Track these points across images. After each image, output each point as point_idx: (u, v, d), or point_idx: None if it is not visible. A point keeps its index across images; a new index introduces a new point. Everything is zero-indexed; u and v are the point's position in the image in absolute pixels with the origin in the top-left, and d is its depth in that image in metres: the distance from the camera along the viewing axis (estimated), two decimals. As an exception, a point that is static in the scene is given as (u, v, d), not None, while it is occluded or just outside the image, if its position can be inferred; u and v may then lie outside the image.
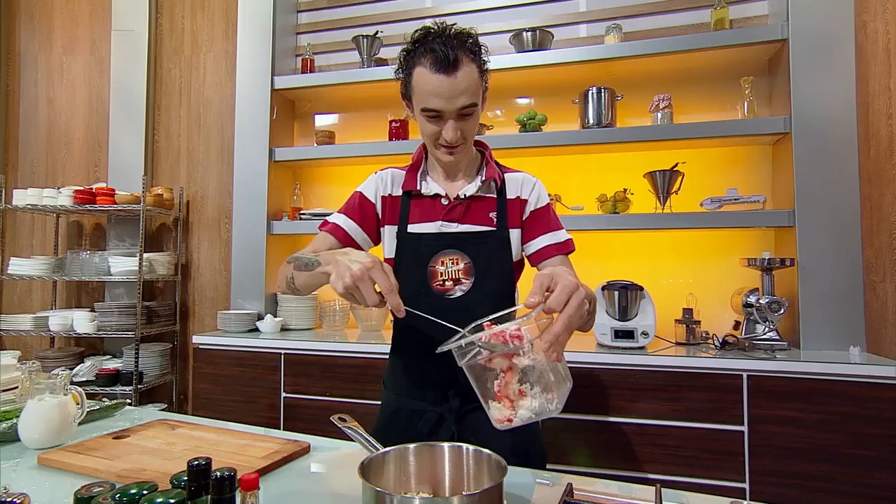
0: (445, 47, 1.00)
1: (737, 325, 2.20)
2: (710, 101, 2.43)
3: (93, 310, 2.88)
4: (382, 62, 2.76)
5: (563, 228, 1.18)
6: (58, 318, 2.77)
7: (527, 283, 0.99)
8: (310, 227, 2.73)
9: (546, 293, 0.75)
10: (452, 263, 1.09)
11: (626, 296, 2.15)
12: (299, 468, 0.95)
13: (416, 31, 1.07)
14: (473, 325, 0.79)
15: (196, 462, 0.58)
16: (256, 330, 2.59)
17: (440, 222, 1.11)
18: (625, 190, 2.37)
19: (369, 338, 2.41)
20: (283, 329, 2.63)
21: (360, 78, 2.68)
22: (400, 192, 1.17)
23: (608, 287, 2.20)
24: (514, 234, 1.14)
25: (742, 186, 2.33)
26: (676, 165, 2.27)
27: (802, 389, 1.81)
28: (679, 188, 2.30)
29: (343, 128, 2.95)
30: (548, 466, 1.97)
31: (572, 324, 0.73)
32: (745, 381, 1.86)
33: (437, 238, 1.11)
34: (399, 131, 2.68)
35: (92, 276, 2.80)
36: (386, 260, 1.16)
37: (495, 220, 1.12)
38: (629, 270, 2.37)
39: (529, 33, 2.45)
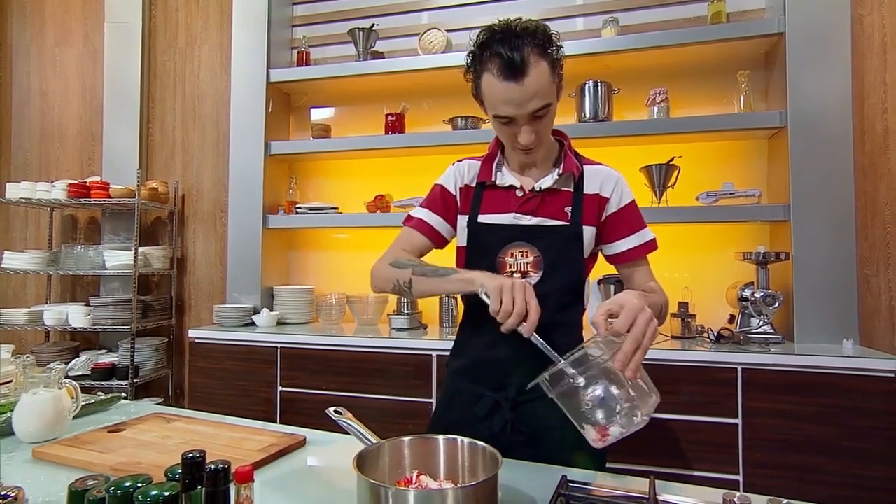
0: (511, 51, 0.97)
1: (732, 319, 2.21)
2: (706, 94, 2.43)
3: (88, 304, 2.87)
4: (378, 55, 2.75)
5: (646, 226, 1.14)
6: (52, 312, 2.76)
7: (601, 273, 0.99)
8: (306, 220, 2.72)
9: (611, 318, 0.82)
10: (522, 256, 1.07)
11: (621, 290, 2.15)
12: (295, 461, 0.96)
13: (481, 32, 1.04)
14: (565, 357, 0.83)
15: (190, 455, 0.58)
16: (253, 324, 2.58)
17: (513, 214, 1.09)
18: (621, 184, 2.36)
19: (366, 331, 2.41)
20: (280, 323, 2.62)
21: (357, 71, 2.66)
22: (475, 183, 1.16)
23: (604, 281, 2.21)
24: (588, 231, 1.09)
25: (738, 180, 2.33)
26: (673, 159, 2.27)
27: (796, 382, 1.83)
28: (675, 182, 2.30)
29: (339, 121, 2.93)
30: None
31: (642, 343, 0.80)
32: (739, 374, 1.88)
33: (508, 229, 1.09)
34: (395, 125, 2.67)
35: (87, 270, 2.79)
36: (458, 249, 1.17)
37: (570, 214, 1.09)
38: (625, 264, 2.38)
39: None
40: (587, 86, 2.37)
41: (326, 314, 2.67)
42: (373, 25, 2.72)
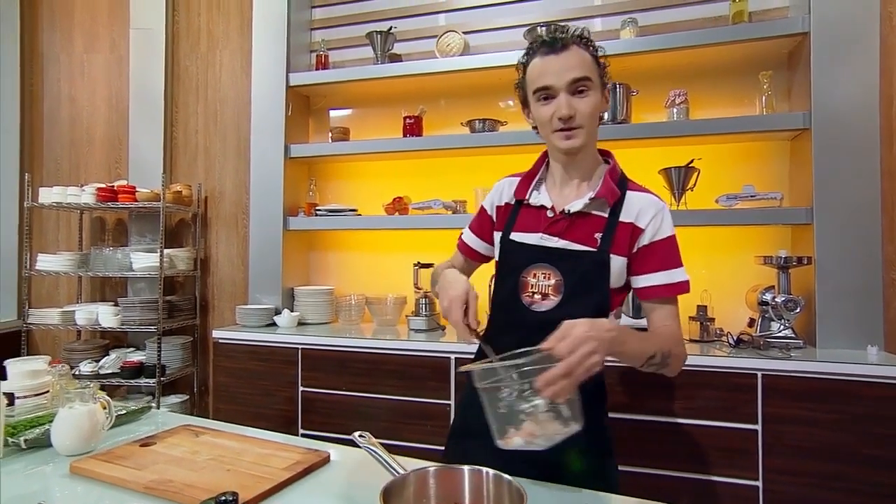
0: (554, 33, 1.05)
1: (751, 323, 2.19)
2: (726, 95, 2.39)
3: (116, 304, 2.96)
4: (396, 58, 2.77)
5: (681, 266, 1.08)
6: (84, 312, 2.86)
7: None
8: (325, 222, 2.77)
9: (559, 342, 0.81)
10: (544, 277, 1.07)
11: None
12: (320, 481, 0.97)
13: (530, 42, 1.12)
14: (501, 356, 0.85)
15: (223, 498, 0.61)
16: (274, 324, 2.64)
17: (541, 234, 1.09)
18: (639, 186, 2.35)
19: (385, 332, 2.44)
20: (301, 323, 2.68)
21: (374, 74, 2.68)
22: (514, 200, 1.18)
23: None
24: (617, 261, 1.05)
25: (758, 182, 2.30)
26: (692, 162, 2.25)
27: (818, 389, 1.80)
28: (694, 185, 2.28)
29: (357, 123, 2.96)
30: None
31: (574, 372, 0.78)
32: (759, 380, 1.86)
33: (533, 250, 1.09)
34: (413, 127, 2.69)
35: (115, 271, 2.88)
36: (496, 263, 1.20)
37: (599, 240, 1.05)
38: (643, 267, 2.37)
39: (544, 28, 2.43)
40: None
41: (346, 314, 2.72)
42: (390, 28, 2.74)
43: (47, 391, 1.26)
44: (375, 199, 2.80)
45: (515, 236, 1.13)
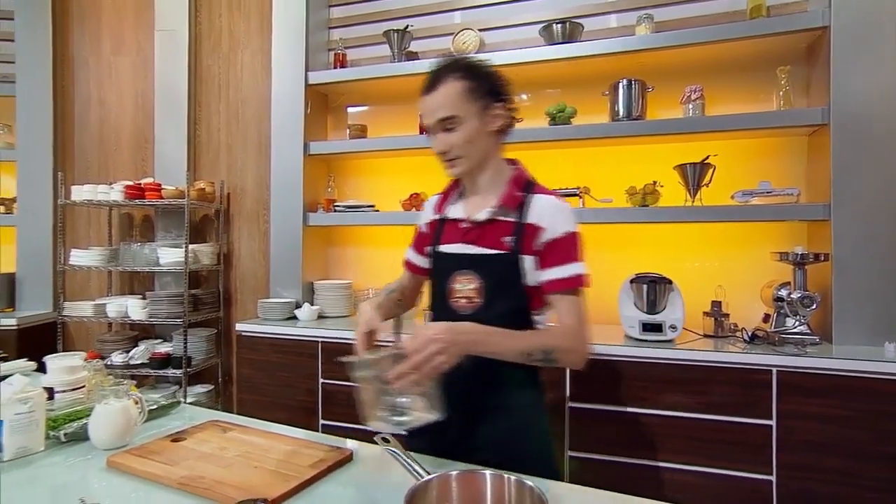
0: (432, 73, 1.15)
1: (766, 318, 2.18)
2: (743, 90, 2.37)
3: (144, 297, 3.08)
4: (413, 56, 2.80)
5: (577, 261, 1.13)
6: (114, 305, 2.98)
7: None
8: (344, 218, 2.83)
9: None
10: (467, 282, 1.16)
11: (654, 289, 2.17)
12: (343, 479, 1.00)
13: None
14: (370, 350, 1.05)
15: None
16: (295, 318, 2.72)
17: (460, 244, 1.20)
18: (654, 182, 2.35)
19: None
20: (320, 317, 2.75)
21: (391, 72, 2.72)
22: (438, 217, 1.29)
23: (637, 280, 2.22)
24: (527, 260, 1.13)
25: (775, 178, 2.28)
26: (707, 158, 2.24)
27: (834, 386, 1.81)
28: (710, 181, 2.28)
29: (375, 121, 3.01)
30: (574, 454, 2.03)
31: (421, 368, 0.92)
32: (774, 376, 1.87)
33: (455, 258, 1.19)
34: (429, 125, 2.72)
35: (143, 266, 2.99)
36: (430, 273, 1.30)
37: (509, 244, 1.14)
38: (658, 262, 2.38)
39: (559, 25, 2.44)
40: (621, 84, 2.35)
41: (364, 309, 2.78)
42: (407, 27, 2.77)
43: (83, 386, 1.33)
44: (393, 195, 2.85)
45: (442, 248, 1.23)
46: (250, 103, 3.24)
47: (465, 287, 1.16)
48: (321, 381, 2.45)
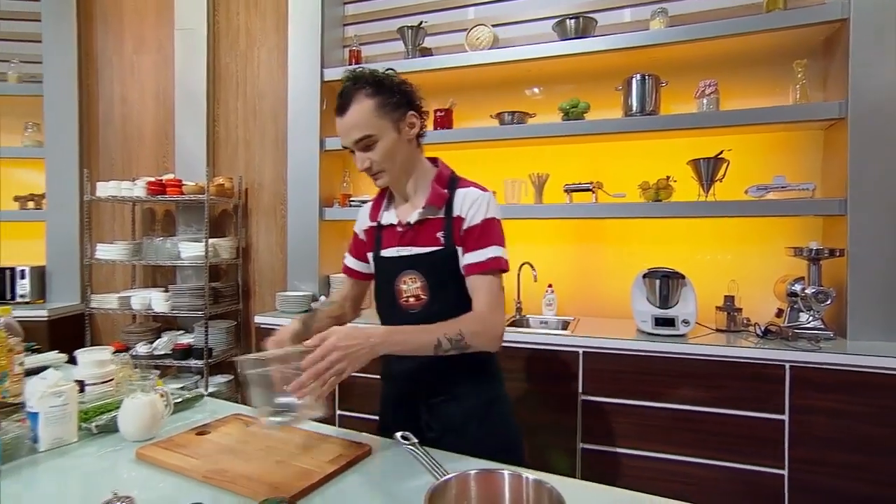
0: (341, 95, 1.17)
1: (779, 313, 2.18)
2: (758, 84, 2.35)
3: (166, 290, 3.17)
4: (427, 51, 2.82)
5: (495, 245, 1.17)
6: (138, 297, 3.08)
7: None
8: (359, 213, 2.86)
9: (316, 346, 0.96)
10: (412, 282, 1.21)
11: (666, 284, 2.17)
12: (362, 475, 1.02)
13: None
14: (255, 356, 1.06)
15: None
16: (311, 310, 2.77)
17: (397, 247, 1.24)
18: (668, 177, 2.35)
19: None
20: (336, 310, 2.80)
21: (406, 68, 2.73)
22: (372, 223, 1.32)
23: (649, 275, 2.23)
24: (460, 251, 1.19)
25: (790, 173, 2.26)
26: (721, 153, 2.23)
27: (848, 381, 1.81)
28: (724, 176, 2.27)
29: (389, 117, 3.03)
30: (587, 446, 2.06)
31: (322, 377, 0.94)
32: (787, 371, 1.87)
33: (397, 261, 1.23)
34: (444, 120, 2.75)
35: (165, 260, 3.08)
36: (374, 277, 1.34)
37: (443, 238, 1.19)
38: (671, 257, 2.38)
39: (573, 20, 2.44)
40: (634, 79, 2.35)
41: (379, 302, 2.83)
42: (421, 23, 2.79)
43: (112, 379, 1.39)
44: (407, 190, 2.88)
45: (384, 252, 1.27)
46: (267, 100, 3.30)
47: (412, 286, 1.21)
48: (338, 372, 2.50)
